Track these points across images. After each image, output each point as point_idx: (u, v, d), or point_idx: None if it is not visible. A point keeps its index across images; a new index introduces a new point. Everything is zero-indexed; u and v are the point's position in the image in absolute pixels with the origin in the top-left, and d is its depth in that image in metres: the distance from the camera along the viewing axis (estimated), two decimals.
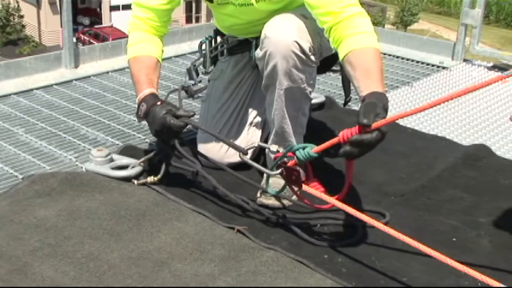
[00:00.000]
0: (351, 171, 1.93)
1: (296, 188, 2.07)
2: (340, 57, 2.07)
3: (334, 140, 1.85)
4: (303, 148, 1.93)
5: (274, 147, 2.16)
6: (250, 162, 2.15)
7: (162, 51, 2.44)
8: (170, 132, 2.21)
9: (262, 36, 2.18)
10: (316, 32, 2.23)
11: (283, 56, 2.14)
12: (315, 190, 1.99)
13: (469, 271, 1.67)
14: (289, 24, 2.17)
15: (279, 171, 2.03)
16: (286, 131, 2.29)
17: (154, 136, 2.34)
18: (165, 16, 2.41)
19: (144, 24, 2.39)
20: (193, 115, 2.20)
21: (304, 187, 2.00)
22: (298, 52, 2.15)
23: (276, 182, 2.18)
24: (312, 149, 1.91)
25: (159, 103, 2.20)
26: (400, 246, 2.05)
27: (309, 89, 2.29)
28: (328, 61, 2.45)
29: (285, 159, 2.00)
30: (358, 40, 2.04)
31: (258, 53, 2.22)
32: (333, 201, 1.94)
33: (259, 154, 2.45)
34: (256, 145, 2.18)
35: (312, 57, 2.21)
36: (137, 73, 2.33)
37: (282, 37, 2.14)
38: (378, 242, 1.91)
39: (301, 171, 1.99)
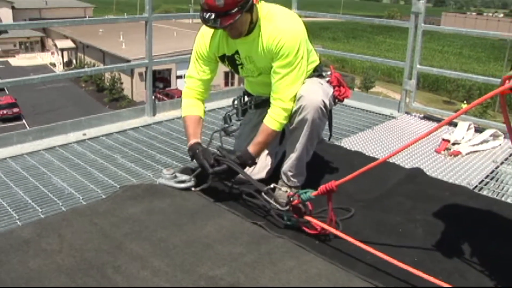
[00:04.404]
0: (331, 206, 1.93)
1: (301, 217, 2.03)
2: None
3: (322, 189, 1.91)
4: (306, 192, 1.96)
5: (284, 188, 2.16)
6: (268, 199, 2.10)
7: (204, 111, 2.42)
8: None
9: (298, 96, 2.16)
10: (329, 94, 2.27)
11: (313, 109, 2.14)
12: (314, 219, 1.98)
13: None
14: (318, 89, 2.20)
15: (287, 207, 2.02)
16: (303, 159, 2.28)
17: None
18: (206, 85, 2.40)
19: (192, 92, 2.39)
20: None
21: (306, 217, 1.99)
22: (323, 108, 2.16)
23: (284, 195, 2.12)
24: (312, 193, 1.94)
25: (198, 150, 2.22)
26: (368, 234, 2.01)
27: (322, 132, 2.31)
28: None
29: (292, 198, 2.00)
30: (269, 119, 2.19)
31: (293, 107, 2.19)
32: (328, 228, 1.93)
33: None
34: (272, 186, 2.14)
35: (328, 112, 2.25)
36: (186, 128, 2.34)
37: (315, 96, 2.15)
38: (353, 234, 1.86)
39: (302, 207, 1.98)
